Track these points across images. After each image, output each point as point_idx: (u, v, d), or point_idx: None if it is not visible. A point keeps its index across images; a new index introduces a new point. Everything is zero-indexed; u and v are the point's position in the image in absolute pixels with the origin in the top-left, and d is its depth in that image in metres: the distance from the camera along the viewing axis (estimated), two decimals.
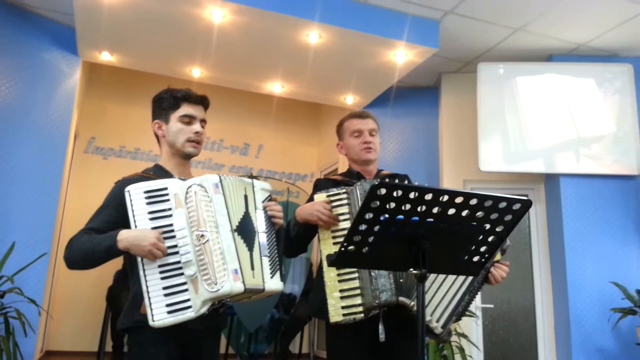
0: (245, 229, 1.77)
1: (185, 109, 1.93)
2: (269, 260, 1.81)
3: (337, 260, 1.56)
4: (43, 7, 4.48)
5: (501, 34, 4.53)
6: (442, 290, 1.98)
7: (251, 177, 1.90)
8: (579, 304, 4.34)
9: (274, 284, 1.79)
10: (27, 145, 4.37)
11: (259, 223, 1.84)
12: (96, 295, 5.42)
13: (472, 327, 4.69)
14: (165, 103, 1.95)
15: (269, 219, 1.88)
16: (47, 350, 5.27)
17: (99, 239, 1.71)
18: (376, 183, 1.33)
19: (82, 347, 5.49)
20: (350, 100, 5.51)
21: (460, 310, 1.98)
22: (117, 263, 4.32)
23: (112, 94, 6.06)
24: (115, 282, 5.19)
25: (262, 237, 1.82)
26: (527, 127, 4.69)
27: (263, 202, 1.89)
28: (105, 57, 4.80)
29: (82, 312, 5.55)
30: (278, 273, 1.84)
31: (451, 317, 1.97)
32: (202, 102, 1.99)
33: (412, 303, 1.93)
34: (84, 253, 1.72)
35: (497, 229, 1.46)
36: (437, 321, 1.95)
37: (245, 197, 1.84)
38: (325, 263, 2.02)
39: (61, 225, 5.08)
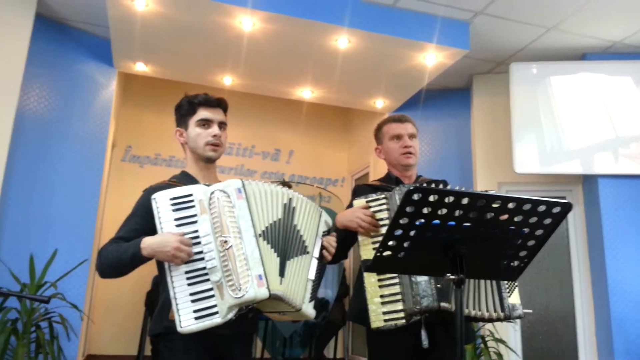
0: (275, 236, 1.76)
1: (202, 113, 1.95)
2: (312, 286, 1.81)
3: (373, 266, 1.56)
4: (79, 20, 4.62)
5: (533, 34, 4.45)
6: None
7: (283, 183, 1.92)
8: (620, 308, 4.21)
9: (310, 309, 1.80)
10: (67, 155, 4.51)
11: (316, 249, 1.86)
12: (135, 300, 5.54)
13: (510, 333, 4.60)
14: (183, 109, 1.98)
15: (321, 249, 1.89)
16: (88, 354, 5.40)
17: (125, 247, 1.74)
18: (411, 188, 1.33)
19: (122, 351, 5.61)
20: (380, 104, 5.50)
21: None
22: (155, 268, 4.40)
23: (147, 103, 6.19)
24: (154, 287, 5.29)
25: (313, 262, 1.84)
26: (562, 128, 4.59)
27: (323, 234, 1.92)
28: (140, 67, 4.92)
29: (122, 317, 5.68)
30: (313, 302, 1.84)
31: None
32: (220, 104, 1.99)
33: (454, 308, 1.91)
34: (111, 262, 1.75)
35: (537, 233, 1.44)
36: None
37: (288, 207, 1.83)
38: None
39: (100, 232, 5.21)
